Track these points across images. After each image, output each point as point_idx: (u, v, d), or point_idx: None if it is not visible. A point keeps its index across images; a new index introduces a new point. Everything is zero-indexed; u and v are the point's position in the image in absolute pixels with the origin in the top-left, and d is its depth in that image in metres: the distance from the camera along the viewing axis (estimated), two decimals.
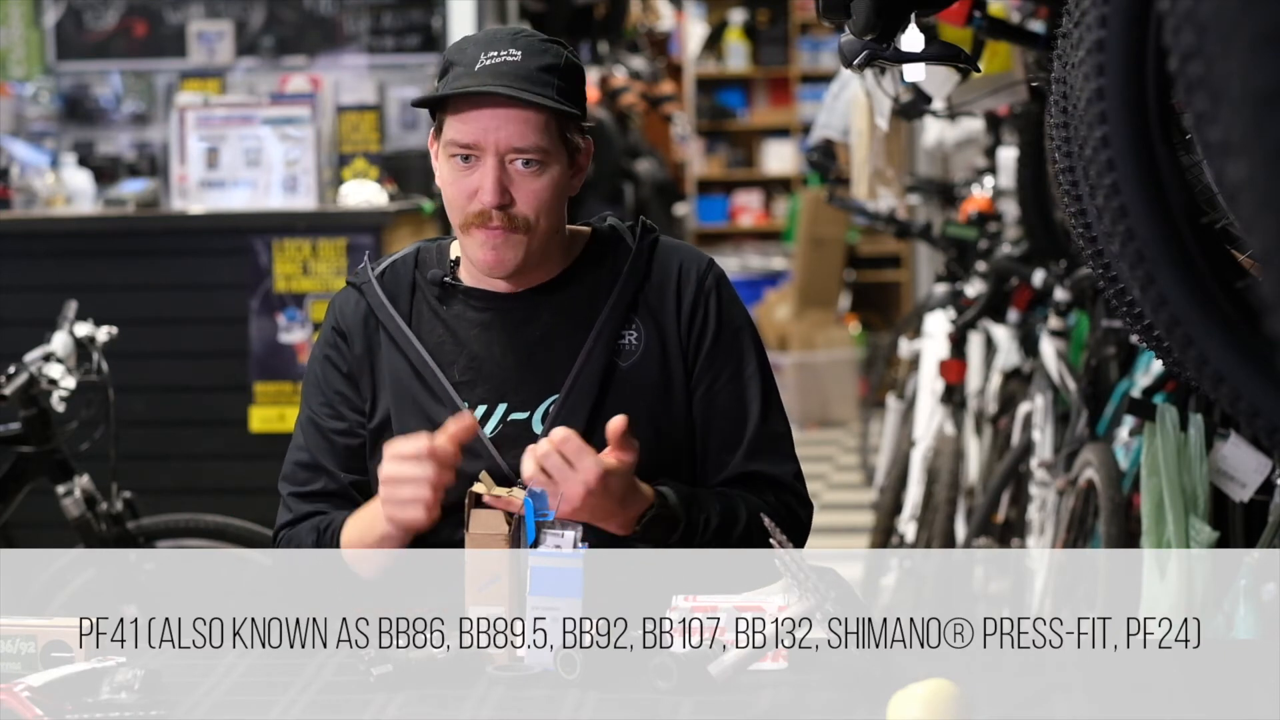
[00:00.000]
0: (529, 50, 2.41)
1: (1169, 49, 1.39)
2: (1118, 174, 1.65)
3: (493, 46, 2.41)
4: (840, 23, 2.59)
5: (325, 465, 2.50)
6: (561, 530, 2.18)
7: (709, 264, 2.55)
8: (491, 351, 2.48)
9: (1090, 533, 3.72)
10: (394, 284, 2.53)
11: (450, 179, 2.44)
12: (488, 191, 2.39)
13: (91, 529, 3.85)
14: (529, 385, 2.46)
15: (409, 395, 2.47)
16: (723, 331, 2.51)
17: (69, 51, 6.08)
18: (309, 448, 2.52)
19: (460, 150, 2.41)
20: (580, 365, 2.45)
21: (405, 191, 5.49)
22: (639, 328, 2.49)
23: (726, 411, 2.50)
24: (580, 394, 2.44)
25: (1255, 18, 1.21)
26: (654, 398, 2.47)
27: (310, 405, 2.54)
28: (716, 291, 2.52)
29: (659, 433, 2.44)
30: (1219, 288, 1.64)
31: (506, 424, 2.45)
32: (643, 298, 2.50)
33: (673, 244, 2.57)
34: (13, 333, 4.69)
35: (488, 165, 2.39)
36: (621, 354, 2.47)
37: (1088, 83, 1.68)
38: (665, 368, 2.48)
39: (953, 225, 5.88)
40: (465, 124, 2.40)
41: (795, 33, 11.93)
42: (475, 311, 2.50)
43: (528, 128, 2.39)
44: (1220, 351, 1.63)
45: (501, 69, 2.39)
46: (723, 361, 2.51)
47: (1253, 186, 1.24)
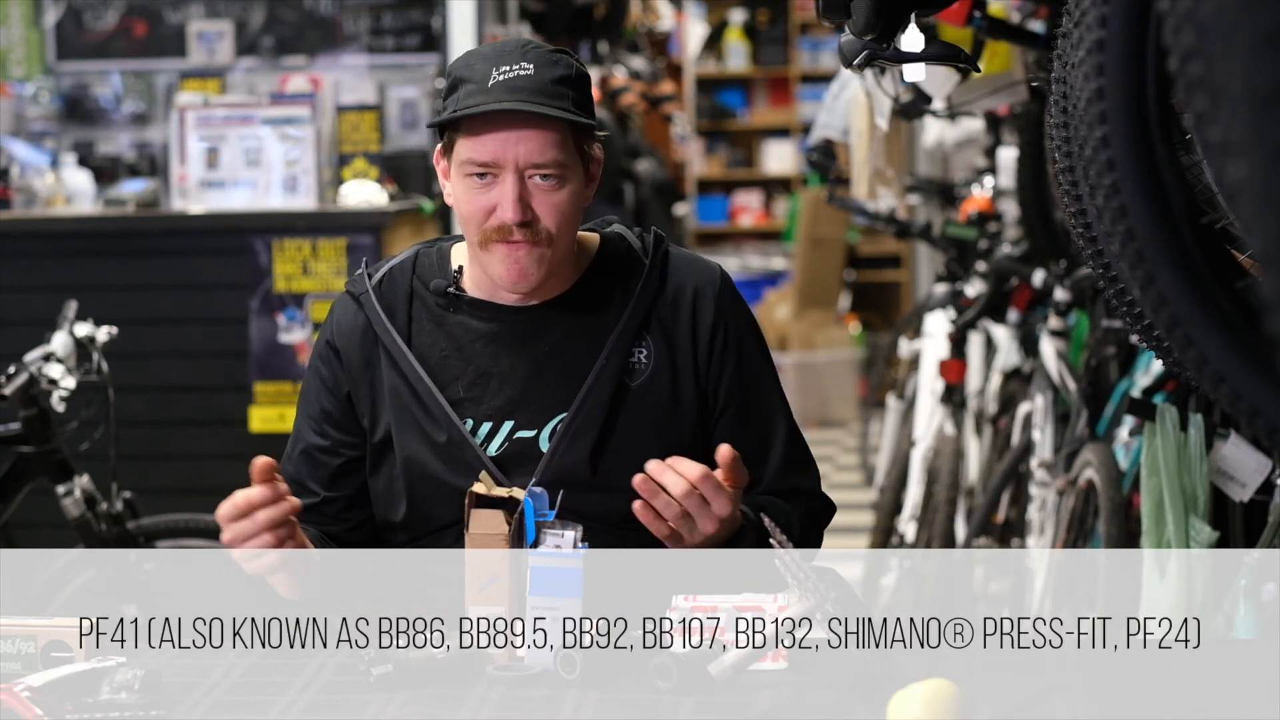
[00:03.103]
0: (540, 63, 2.38)
1: (1169, 49, 1.39)
2: (1118, 174, 1.65)
3: (503, 61, 2.37)
4: (840, 23, 2.59)
5: (305, 482, 2.50)
6: (561, 530, 2.18)
7: (721, 279, 2.52)
8: (498, 366, 2.45)
9: (1090, 533, 3.72)
10: (391, 293, 2.50)
11: (466, 197, 2.39)
12: (509, 209, 2.36)
13: (91, 529, 3.85)
14: (536, 402, 2.43)
15: (408, 413, 2.45)
16: (745, 356, 2.50)
17: (69, 51, 6.08)
18: (293, 458, 2.53)
19: (478, 169, 2.37)
20: (591, 384, 2.42)
21: (405, 191, 5.49)
22: (649, 345, 2.46)
23: (756, 430, 2.50)
24: (590, 413, 2.42)
25: (1255, 18, 1.21)
26: (663, 416, 2.45)
27: (300, 416, 2.54)
28: (733, 310, 2.51)
29: (666, 453, 2.35)
30: (1219, 288, 1.64)
31: (512, 441, 2.43)
32: (655, 315, 2.47)
33: (683, 257, 2.53)
34: (13, 333, 4.70)
35: (508, 183, 2.36)
36: (631, 373, 2.45)
37: (1088, 83, 1.68)
38: (674, 386, 2.46)
39: (953, 225, 5.88)
40: (483, 143, 2.36)
41: (795, 33, 11.93)
42: (481, 324, 2.47)
43: (546, 143, 2.36)
44: (1220, 351, 1.63)
45: (516, 84, 2.35)
46: (748, 382, 2.50)
47: (1253, 186, 1.24)
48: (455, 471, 2.41)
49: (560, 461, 2.40)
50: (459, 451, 2.42)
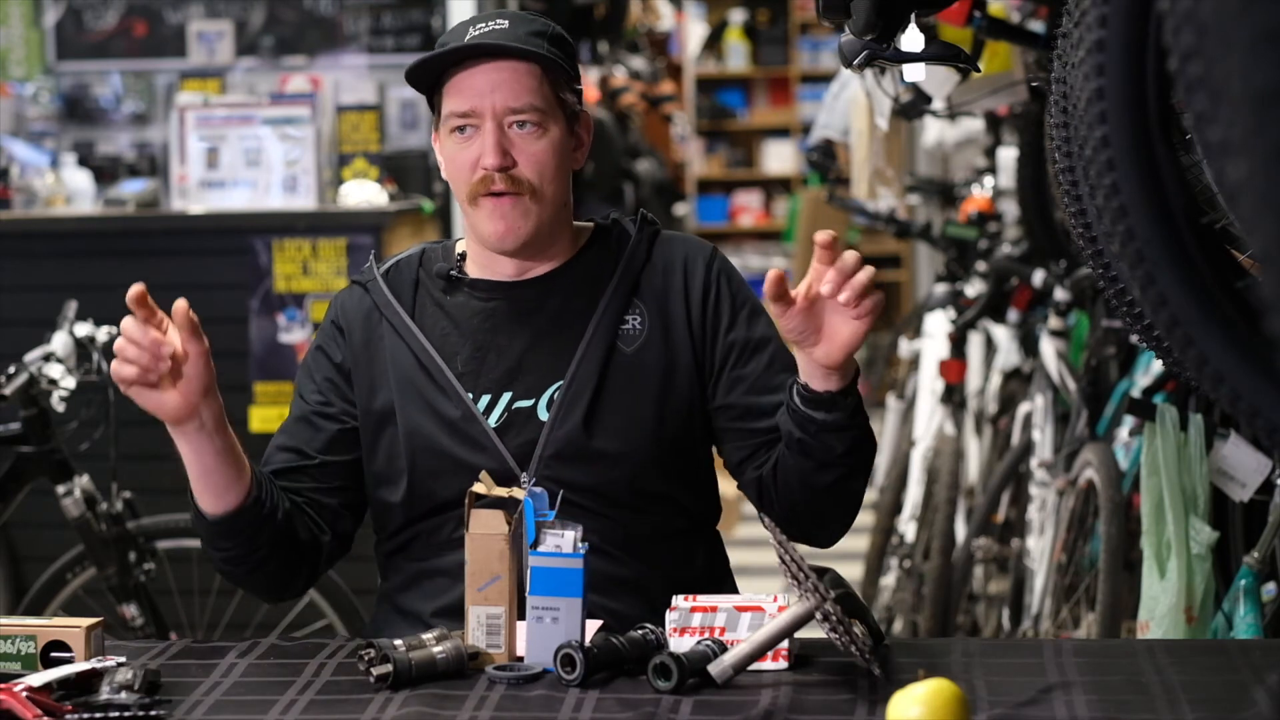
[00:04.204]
0: (516, 20, 2.48)
1: (1169, 49, 1.39)
2: (1118, 174, 1.65)
3: (480, 21, 2.47)
4: (840, 23, 2.59)
5: (301, 447, 2.51)
6: (561, 530, 2.18)
7: (713, 250, 2.57)
8: (496, 340, 2.49)
9: (1090, 533, 3.72)
10: (398, 282, 2.55)
11: (452, 155, 2.46)
12: (489, 153, 2.42)
13: (91, 529, 3.85)
14: (533, 373, 2.47)
15: (413, 387, 2.48)
16: (740, 308, 2.52)
17: (69, 51, 6.08)
18: (288, 429, 2.54)
19: (459, 121, 2.44)
20: (583, 351, 2.46)
21: (405, 191, 5.49)
22: (642, 312, 2.50)
23: (772, 364, 2.50)
24: (584, 379, 2.46)
25: (1255, 18, 1.21)
26: (658, 380, 2.48)
27: (300, 388, 2.57)
28: (726, 275, 2.54)
29: (662, 416, 2.46)
30: (1219, 288, 1.64)
31: (511, 412, 2.46)
32: (645, 282, 2.51)
33: (675, 235, 2.59)
34: (13, 333, 4.70)
35: (486, 130, 2.43)
36: (624, 338, 2.48)
37: (1088, 83, 1.68)
38: (669, 350, 2.49)
39: (953, 225, 5.88)
40: (460, 92, 2.44)
41: (795, 33, 11.93)
42: (479, 301, 2.51)
43: (521, 87, 2.43)
44: (1220, 351, 1.63)
45: (490, 36, 2.44)
46: (750, 330, 2.51)
47: (1253, 186, 1.24)
48: (460, 443, 2.45)
49: (558, 430, 2.44)
50: (464, 424, 2.45)
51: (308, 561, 2.49)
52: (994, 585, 4.98)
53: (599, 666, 2.12)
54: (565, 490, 2.33)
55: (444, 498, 2.44)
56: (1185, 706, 2.01)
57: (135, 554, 3.90)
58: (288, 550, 2.44)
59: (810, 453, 2.38)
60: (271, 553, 2.42)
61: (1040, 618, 3.96)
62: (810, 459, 2.38)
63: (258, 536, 2.40)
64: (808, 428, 2.36)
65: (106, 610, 3.81)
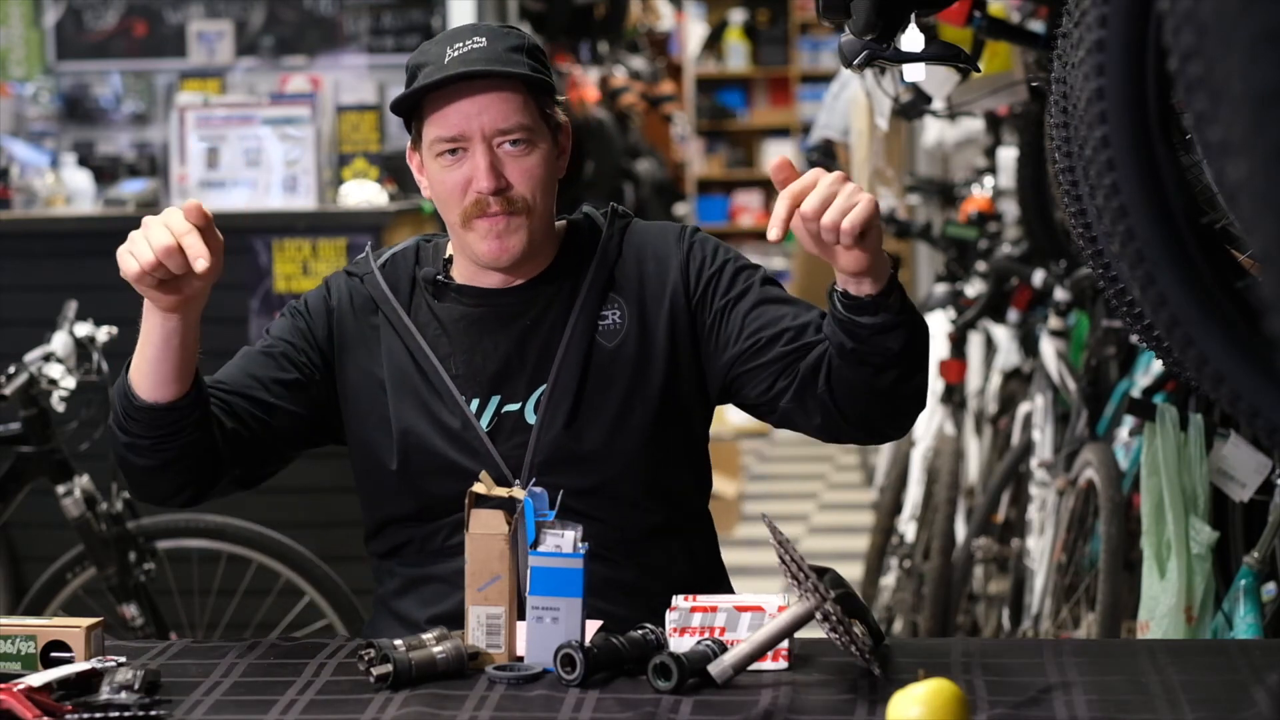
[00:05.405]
0: (492, 36, 2.46)
1: (1169, 49, 1.39)
2: (1118, 174, 1.65)
3: (456, 39, 2.45)
4: (840, 23, 2.60)
5: (255, 373, 2.48)
6: (561, 530, 2.18)
7: (682, 227, 2.58)
8: (483, 346, 2.49)
9: (1090, 533, 3.72)
10: (394, 276, 2.56)
11: (440, 178, 2.45)
12: (483, 177, 2.41)
13: (91, 529, 3.85)
14: (519, 377, 2.48)
15: (409, 386, 2.49)
16: (723, 269, 2.51)
17: (69, 51, 6.08)
18: (247, 354, 2.53)
19: (447, 145, 2.43)
20: (563, 352, 2.47)
21: (405, 191, 5.49)
22: (620, 306, 2.50)
23: (760, 301, 2.49)
24: (567, 379, 2.46)
25: (1255, 18, 1.21)
26: (642, 372, 2.48)
27: (266, 331, 2.57)
28: (700, 243, 2.54)
29: (649, 407, 2.46)
30: (1219, 288, 1.64)
31: (500, 416, 2.47)
32: (620, 275, 2.51)
33: (647, 224, 2.59)
34: (13, 333, 4.69)
35: (477, 153, 2.42)
36: (604, 334, 2.49)
37: (1088, 83, 1.68)
38: (644, 342, 2.49)
39: (953, 225, 5.88)
40: (448, 118, 2.42)
41: (795, 33, 11.93)
42: (466, 308, 2.51)
43: (509, 107, 2.42)
44: (1220, 351, 1.63)
45: (471, 56, 2.42)
46: (740, 284, 2.50)
47: (1253, 186, 1.24)
48: (453, 446, 2.45)
49: (546, 434, 2.44)
50: (460, 429, 2.46)
51: (200, 483, 2.44)
52: (994, 585, 4.98)
53: (599, 666, 2.12)
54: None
55: (435, 500, 2.44)
56: (1185, 706, 2.01)
57: (135, 554, 3.90)
58: (191, 463, 2.39)
59: (866, 359, 2.34)
60: (177, 457, 2.37)
61: (1040, 618, 3.96)
62: (867, 365, 2.34)
63: (174, 439, 2.36)
64: (858, 334, 2.32)
65: (106, 610, 3.81)
